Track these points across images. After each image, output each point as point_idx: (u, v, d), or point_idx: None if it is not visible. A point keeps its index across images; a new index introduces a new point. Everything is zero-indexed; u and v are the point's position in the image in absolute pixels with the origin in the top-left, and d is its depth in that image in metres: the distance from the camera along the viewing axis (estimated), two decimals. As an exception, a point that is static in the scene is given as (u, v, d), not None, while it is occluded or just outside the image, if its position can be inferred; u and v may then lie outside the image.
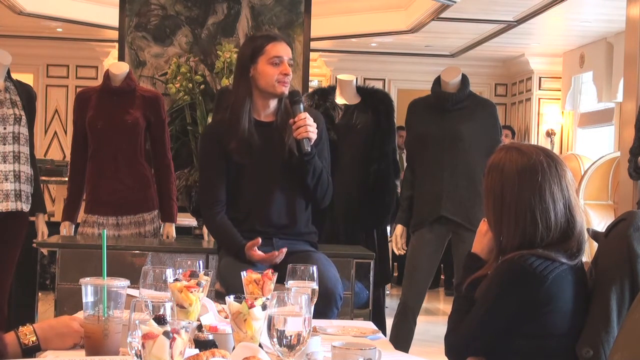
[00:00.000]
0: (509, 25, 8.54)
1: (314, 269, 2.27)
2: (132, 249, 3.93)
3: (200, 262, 2.28)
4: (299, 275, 2.27)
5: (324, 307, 2.83)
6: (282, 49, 3.09)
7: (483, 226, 2.25)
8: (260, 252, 3.02)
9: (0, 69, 4.17)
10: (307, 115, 3.08)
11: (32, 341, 1.97)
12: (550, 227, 2.09)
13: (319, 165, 3.14)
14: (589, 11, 7.97)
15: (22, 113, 4.19)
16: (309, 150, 3.07)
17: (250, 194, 3.14)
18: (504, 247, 2.14)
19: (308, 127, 3.06)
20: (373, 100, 4.53)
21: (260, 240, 3.03)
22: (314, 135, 3.08)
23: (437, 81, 4.28)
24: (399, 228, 4.39)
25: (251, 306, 1.81)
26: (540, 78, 10.66)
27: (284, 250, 3.02)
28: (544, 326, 2.05)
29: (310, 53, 6.09)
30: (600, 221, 6.03)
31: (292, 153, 3.10)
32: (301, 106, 3.10)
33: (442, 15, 8.02)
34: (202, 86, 5.72)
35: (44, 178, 6.26)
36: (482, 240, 2.25)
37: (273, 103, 3.15)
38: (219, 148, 3.13)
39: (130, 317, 1.67)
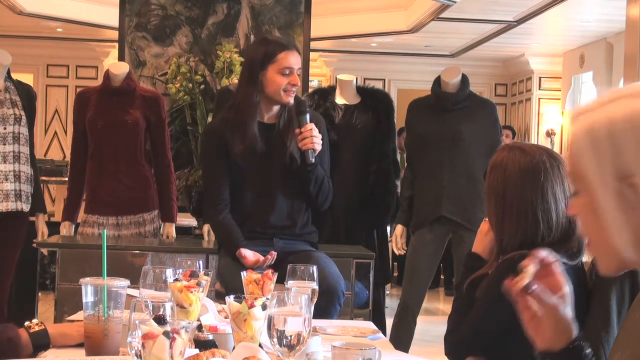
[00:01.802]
0: (509, 25, 8.53)
1: (314, 268, 2.28)
2: (132, 249, 3.93)
3: (200, 262, 2.28)
4: (299, 275, 2.27)
5: (327, 303, 2.84)
6: (293, 60, 3.07)
7: (484, 226, 2.25)
8: (250, 258, 3.00)
9: (0, 69, 4.17)
10: (313, 126, 3.09)
11: (39, 328, 1.98)
12: (552, 227, 2.09)
13: (321, 173, 3.15)
14: (589, 11, 7.96)
15: (22, 113, 4.19)
16: (313, 161, 3.08)
17: (250, 196, 3.14)
18: (504, 247, 2.14)
19: (314, 138, 3.07)
20: (373, 100, 4.53)
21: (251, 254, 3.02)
22: (319, 147, 3.10)
23: (437, 81, 4.28)
24: (399, 228, 4.39)
25: (251, 306, 1.81)
26: (540, 78, 10.66)
27: (274, 253, 3.01)
28: (544, 326, 2.05)
29: (310, 53, 6.09)
30: (600, 221, 6.01)
31: (293, 157, 3.11)
32: (307, 117, 3.10)
33: (442, 15, 8.01)
34: (202, 86, 5.71)
35: (44, 178, 6.26)
36: (483, 239, 2.26)
37: (276, 107, 3.16)
38: (222, 146, 3.13)
39: (130, 317, 1.67)
